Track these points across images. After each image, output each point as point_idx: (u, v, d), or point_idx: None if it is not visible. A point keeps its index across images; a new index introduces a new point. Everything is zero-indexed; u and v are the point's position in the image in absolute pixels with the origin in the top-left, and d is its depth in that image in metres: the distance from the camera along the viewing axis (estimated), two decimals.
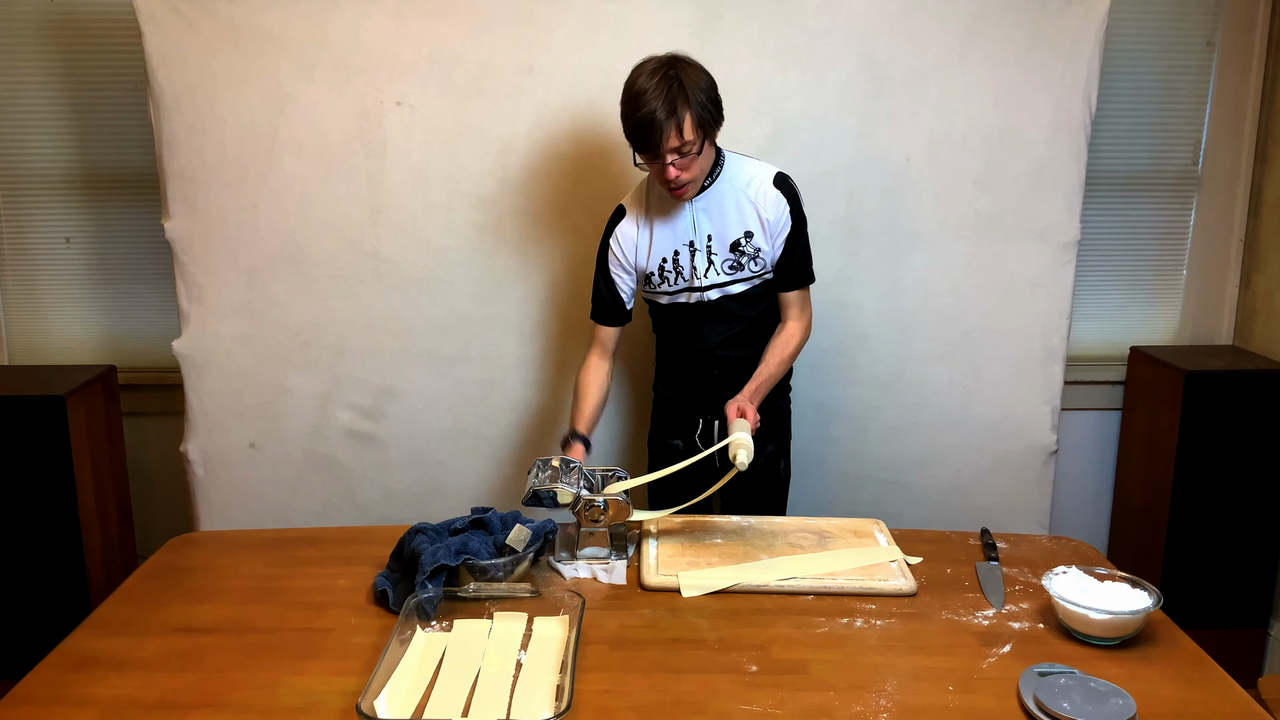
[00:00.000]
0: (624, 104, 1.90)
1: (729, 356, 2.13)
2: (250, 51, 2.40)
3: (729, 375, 2.13)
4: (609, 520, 1.79)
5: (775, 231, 2.05)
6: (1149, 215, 2.92)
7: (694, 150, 1.89)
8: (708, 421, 2.20)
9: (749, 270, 2.07)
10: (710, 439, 2.19)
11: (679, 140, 1.86)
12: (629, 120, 1.89)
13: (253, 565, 1.81)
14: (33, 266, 2.89)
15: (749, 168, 2.06)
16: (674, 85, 1.84)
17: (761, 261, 2.07)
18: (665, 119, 1.83)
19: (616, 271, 2.12)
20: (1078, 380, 2.89)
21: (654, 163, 1.92)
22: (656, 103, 1.83)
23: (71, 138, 2.80)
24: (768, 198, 2.03)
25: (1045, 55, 2.43)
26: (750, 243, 2.05)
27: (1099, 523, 3.07)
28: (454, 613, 1.58)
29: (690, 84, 1.86)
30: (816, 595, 1.68)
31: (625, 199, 2.14)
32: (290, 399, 2.57)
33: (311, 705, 1.37)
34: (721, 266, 2.07)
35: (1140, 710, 1.32)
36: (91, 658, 1.50)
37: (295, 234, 2.49)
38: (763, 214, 2.03)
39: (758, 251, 2.05)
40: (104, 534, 2.69)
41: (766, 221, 2.04)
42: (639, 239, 2.09)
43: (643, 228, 2.08)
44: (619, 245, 2.10)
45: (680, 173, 1.91)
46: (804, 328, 2.14)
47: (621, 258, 2.10)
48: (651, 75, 1.86)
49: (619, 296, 2.13)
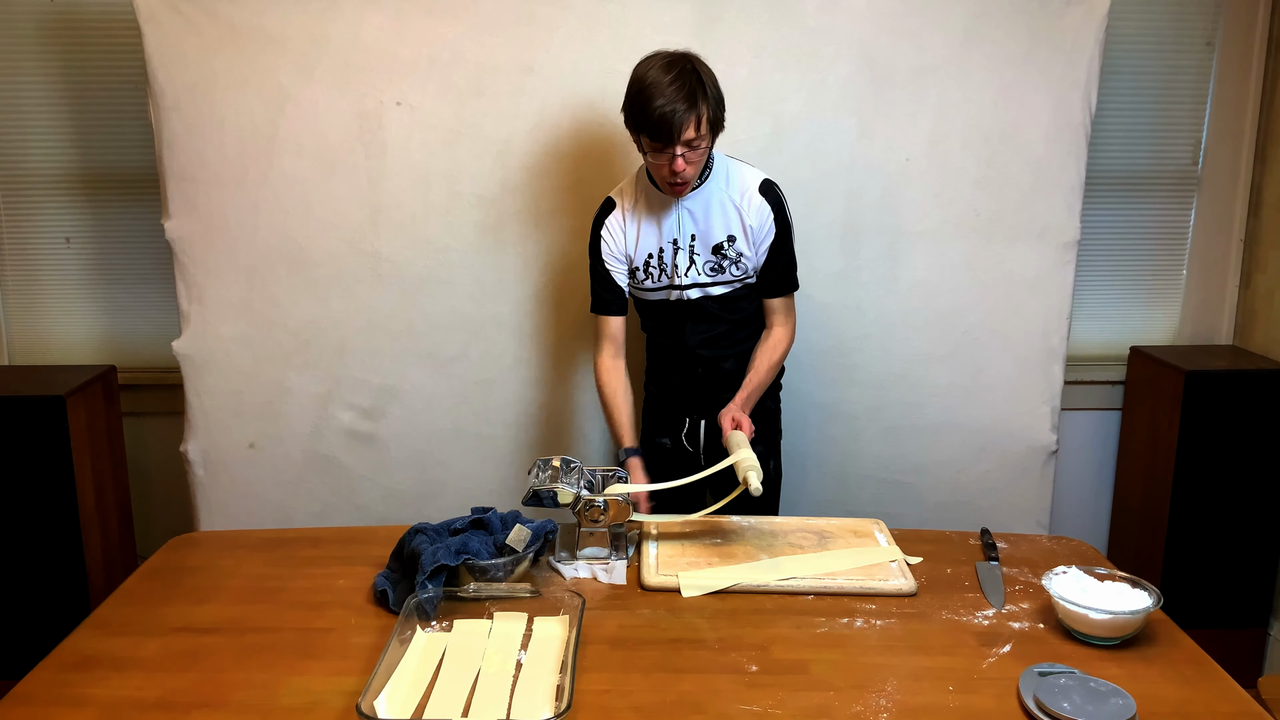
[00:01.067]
0: (635, 96, 1.91)
1: (710, 356, 2.15)
2: (250, 51, 2.40)
3: (711, 375, 2.15)
4: (609, 520, 1.79)
5: (758, 239, 2.07)
6: (1149, 215, 2.92)
7: (703, 145, 1.92)
8: (694, 421, 2.21)
9: (730, 274, 2.09)
10: (696, 438, 2.21)
11: (694, 133, 1.88)
12: (643, 111, 1.88)
13: (253, 565, 1.81)
14: (33, 266, 2.89)
15: (737, 172, 2.08)
16: (693, 79, 1.87)
17: (743, 266, 2.09)
18: (685, 111, 1.85)
19: (610, 261, 2.13)
20: (1078, 380, 2.89)
21: (662, 155, 1.92)
22: (677, 95, 1.85)
23: (71, 138, 2.80)
24: (752, 204, 2.05)
25: (1045, 55, 2.43)
26: (732, 247, 2.06)
27: (1099, 523, 3.07)
28: (454, 613, 1.58)
29: (706, 80, 1.90)
30: (816, 595, 1.68)
31: (614, 191, 2.16)
32: (290, 399, 2.57)
33: (311, 705, 1.37)
34: (703, 267, 2.08)
35: (1140, 710, 1.32)
36: (91, 658, 1.50)
37: (295, 234, 2.49)
38: (746, 220, 2.05)
39: (740, 256, 2.07)
40: (104, 534, 2.69)
41: (750, 228, 2.06)
42: (626, 231, 2.11)
43: (630, 221, 2.10)
44: (609, 235, 2.12)
45: (687, 166, 1.93)
46: (789, 333, 2.16)
47: (613, 246, 2.12)
48: (668, 69, 1.88)
49: (617, 286, 2.14)
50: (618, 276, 2.14)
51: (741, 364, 2.14)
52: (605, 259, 2.13)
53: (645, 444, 2.28)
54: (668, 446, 2.25)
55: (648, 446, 2.27)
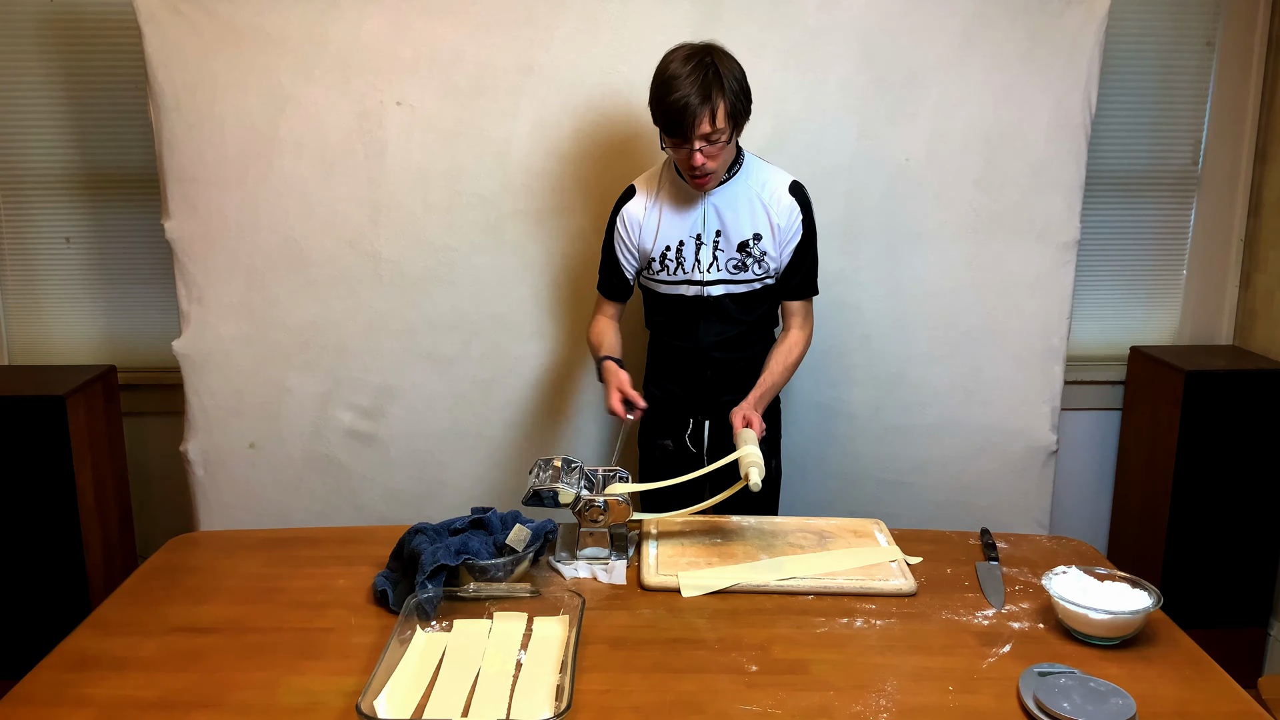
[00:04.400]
0: (656, 88, 1.91)
1: (723, 358, 2.14)
2: (250, 51, 2.40)
3: (722, 376, 2.14)
4: (609, 520, 1.79)
5: (785, 239, 2.06)
6: (1149, 215, 2.92)
7: (723, 139, 1.90)
8: (698, 422, 2.20)
9: (753, 273, 2.08)
10: (700, 440, 2.20)
11: (710, 127, 1.87)
12: (661, 104, 1.89)
13: (253, 565, 1.81)
14: (33, 266, 2.89)
15: (766, 171, 2.08)
16: (710, 72, 1.86)
17: (766, 266, 2.08)
18: (699, 104, 1.85)
19: (621, 251, 2.13)
20: (1078, 380, 2.89)
21: (681, 148, 1.92)
22: (691, 88, 1.84)
23: (71, 138, 2.80)
24: (782, 204, 2.05)
25: (1045, 55, 2.43)
26: (758, 245, 2.05)
27: (1099, 523, 3.07)
28: (454, 613, 1.58)
29: (726, 72, 1.88)
30: (816, 595, 1.68)
31: (638, 179, 2.14)
32: (290, 399, 2.57)
33: (311, 705, 1.37)
34: (726, 265, 2.07)
35: (1140, 710, 1.32)
36: (91, 658, 1.50)
37: (295, 234, 2.49)
38: (774, 219, 2.04)
39: (764, 255, 2.06)
40: (104, 534, 2.69)
41: (777, 227, 2.05)
42: (645, 221, 2.09)
43: (651, 210, 2.09)
44: (624, 225, 2.11)
45: (707, 160, 1.92)
46: (806, 337, 2.15)
47: (626, 238, 2.11)
48: (686, 61, 1.87)
49: (623, 274, 2.15)
50: (626, 266, 2.14)
51: (752, 366, 2.13)
52: (617, 248, 2.12)
53: (646, 446, 2.27)
54: (670, 448, 2.23)
55: (649, 448, 2.27)
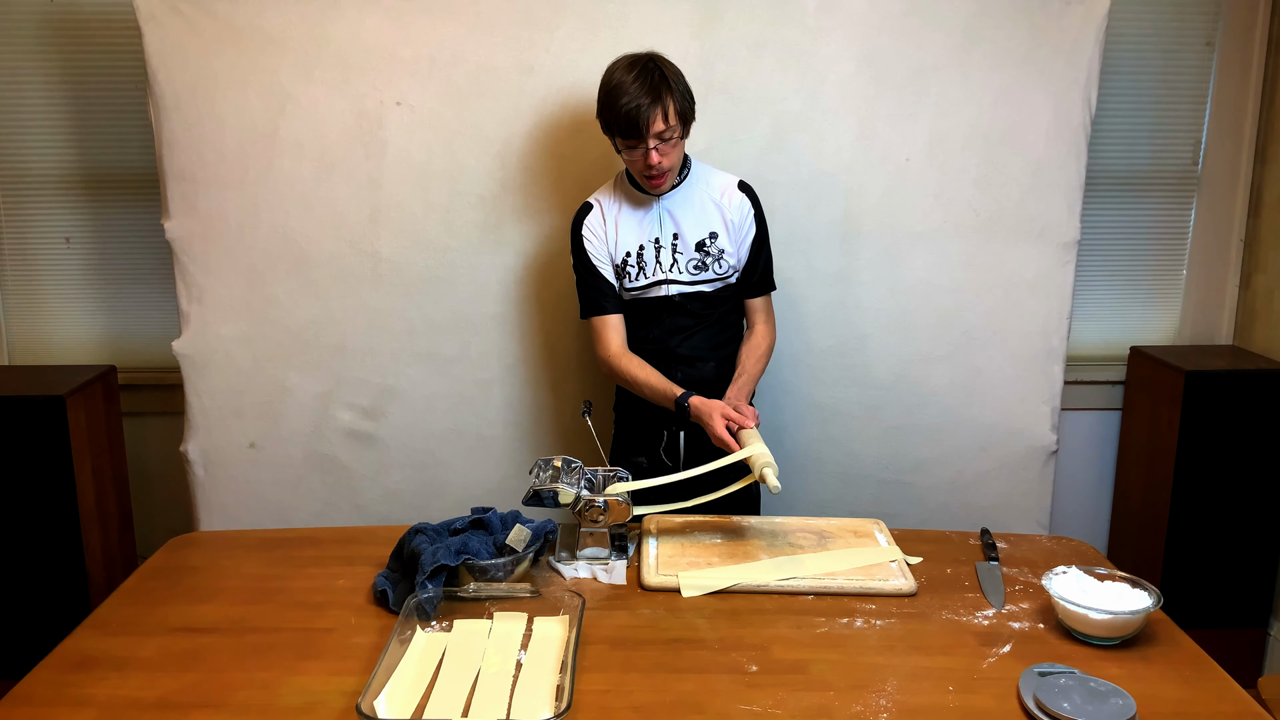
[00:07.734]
0: (605, 96, 2.01)
1: (689, 356, 2.17)
2: (250, 51, 2.40)
3: (691, 380, 2.13)
4: (609, 520, 1.79)
5: (740, 236, 2.14)
6: (1149, 215, 2.92)
7: (675, 136, 2.00)
8: (672, 434, 2.21)
9: (713, 271, 2.14)
10: (676, 452, 2.22)
11: (663, 125, 1.97)
12: (613, 109, 1.98)
13: (253, 565, 1.82)
14: (33, 266, 2.89)
15: (714, 174, 2.18)
16: (656, 74, 1.97)
17: (726, 264, 2.13)
18: (651, 104, 1.95)
19: (597, 260, 2.16)
20: (1078, 380, 2.89)
21: (636, 150, 2.00)
22: (641, 90, 1.95)
23: (71, 138, 2.80)
24: (733, 200, 2.13)
25: (1045, 55, 2.43)
26: (715, 243, 2.12)
27: (1099, 523, 3.07)
28: (454, 613, 1.58)
29: (670, 75, 1.99)
30: (816, 595, 1.68)
31: (592, 196, 2.21)
32: (290, 399, 2.57)
33: (311, 705, 1.37)
34: (686, 265, 2.13)
35: (1140, 710, 1.32)
36: (91, 658, 1.50)
37: (295, 234, 2.49)
38: (728, 215, 2.13)
39: (722, 253, 2.13)
40: (104, 534, 2.69)
41: (731, 224, 2.13)
42: (606, 231, 2.15)
43: (609, 221, 2.15)
44: (591, 234, 2.16)
45: (662, 159, 2.00)
46: (772, 331, 2.22)
47: (597, 245, 2.16)
48: (630, 68, 1.98)
49: (608, 281, 2.17)
50: (606, 272, 2.16)
51: (722, 369, 2.17)
52: (592, 258, 2.16)
53: (621, 465, 2.25)
54: (645, 465, 2.23)
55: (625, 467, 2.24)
